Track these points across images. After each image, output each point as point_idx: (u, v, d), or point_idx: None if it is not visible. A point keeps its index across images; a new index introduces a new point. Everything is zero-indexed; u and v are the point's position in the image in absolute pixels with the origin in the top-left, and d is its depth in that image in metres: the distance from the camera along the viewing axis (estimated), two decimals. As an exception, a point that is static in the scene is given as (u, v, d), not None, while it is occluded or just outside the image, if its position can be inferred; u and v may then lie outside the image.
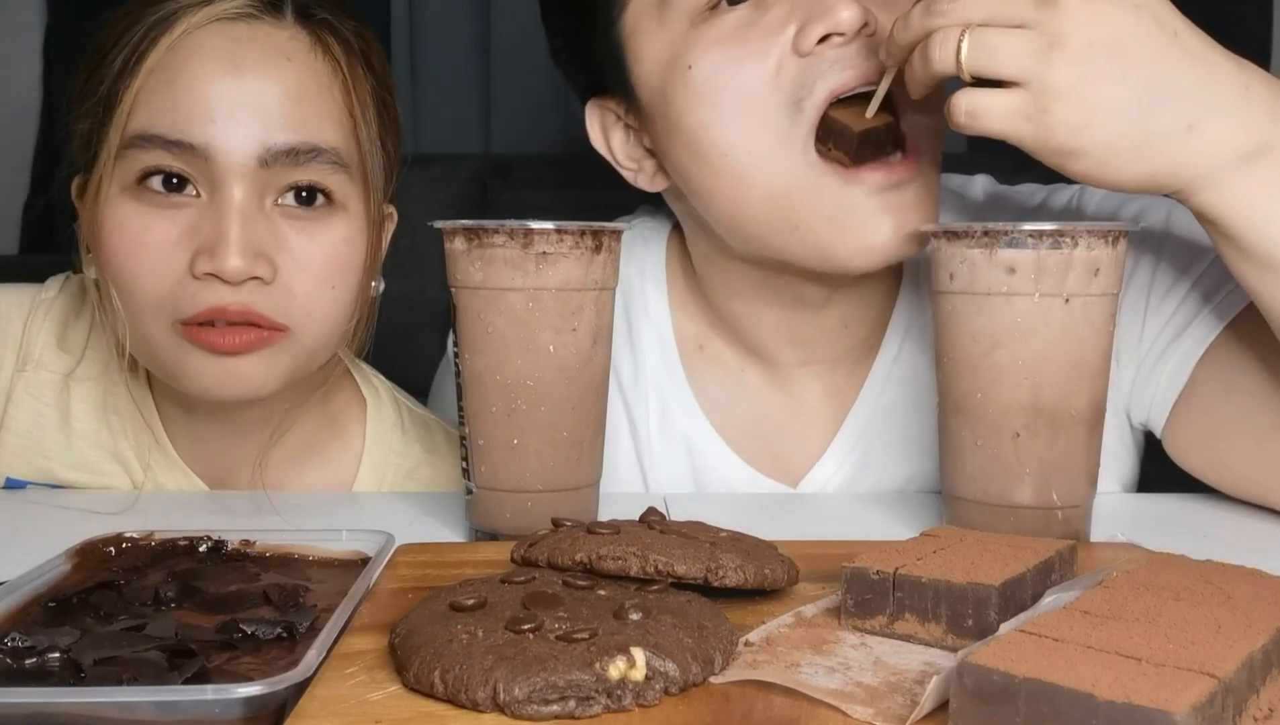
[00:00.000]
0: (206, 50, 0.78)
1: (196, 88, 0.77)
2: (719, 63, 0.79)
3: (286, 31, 0.81)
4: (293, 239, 0.79)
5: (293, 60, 0.80)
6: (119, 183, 0.78)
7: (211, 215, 0.77)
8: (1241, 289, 0.79)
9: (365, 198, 0.83)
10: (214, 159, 0.76)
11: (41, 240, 2.02)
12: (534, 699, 0.41)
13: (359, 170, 0.82)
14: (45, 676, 0.45)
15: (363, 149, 0.82)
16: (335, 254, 0.81)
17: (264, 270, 0.77)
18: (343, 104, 0.81)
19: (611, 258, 0.70)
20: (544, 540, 0.55)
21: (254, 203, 0.77)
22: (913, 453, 0.90)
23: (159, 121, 0.77)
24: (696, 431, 0.94)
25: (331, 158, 0.80)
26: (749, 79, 0.78)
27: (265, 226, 0.78)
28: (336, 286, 0.81)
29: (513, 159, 1.93)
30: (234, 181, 0.77)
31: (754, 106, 0.78)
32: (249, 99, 0.77)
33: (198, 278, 0.76)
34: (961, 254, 0.67)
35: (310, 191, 0.80)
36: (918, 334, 0.91)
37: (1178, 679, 0.35)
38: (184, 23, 0.78)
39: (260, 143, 0.77)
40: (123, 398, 0.89)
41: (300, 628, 0.49)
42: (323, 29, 0.82)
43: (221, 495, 0.88)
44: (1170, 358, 0.83)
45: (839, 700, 0.42)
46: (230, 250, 0.75)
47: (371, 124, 0.83)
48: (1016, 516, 0.67)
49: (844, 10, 0.75)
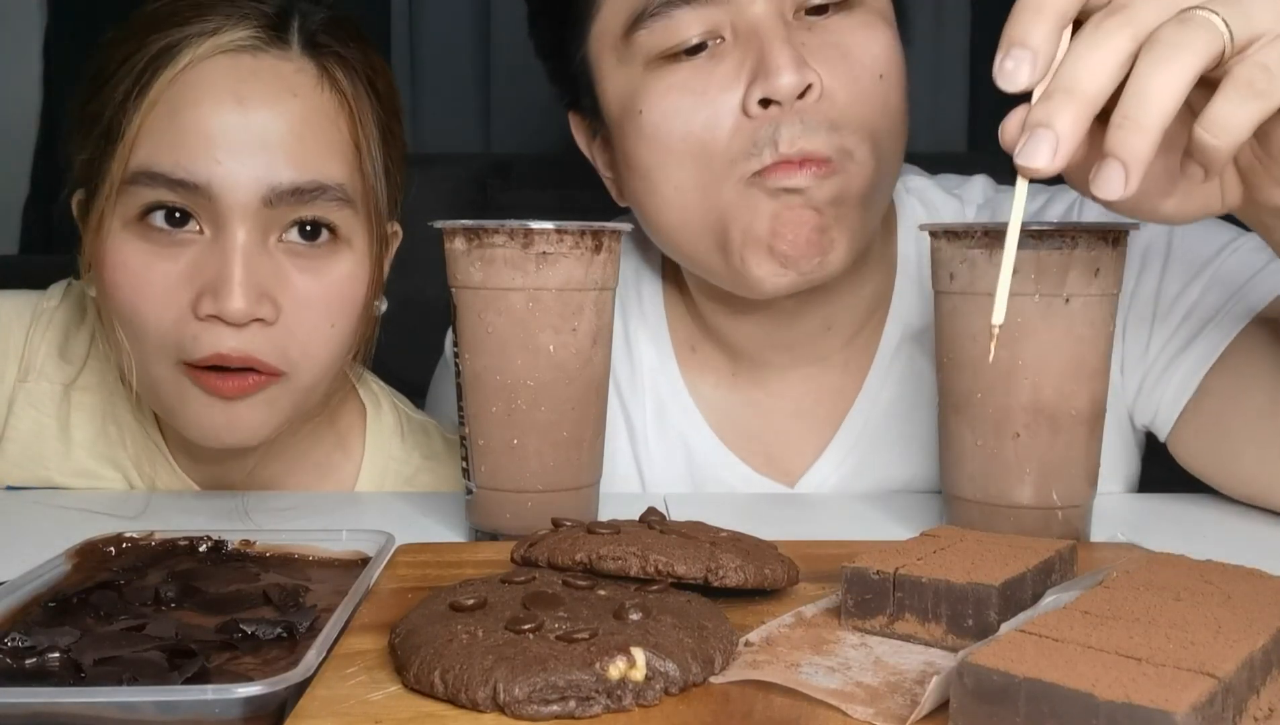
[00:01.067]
0: (210, 84, 0.76)
1: (200, 124, 0.75)
2: (670, 112, 0.79)
3: (293, 64, 0.79)
4: (295, 277, 0.78)
5: (298, 95, 0.78)
6: (120, 217, 0.77)
7: (215, 255, 0.76)
8: (1254, 296, 0.79)
9: (369, 230, 0.81)
10: (218, 198, 0.75)
11: (41, 240, 2.02)
12: (534, 699, 0.40)
13: (364, 203, 0.81)
14: (45, 676, 0.45)
15: (367, 182, 0.81)
16: (338, 292, 0.80)
17: (267, 311, 0.76)
18: (349, 137, 0.80)
19: (611, 258, 0.70)
20: (544, 540, 0.55)
21: (258, 241, 0.76)
22: (912, 452, 0.90)
23: (162, 159, 0.76)
24: (693, 431, 0.94)
25: (337, 194, 0.78)
26: (699, 132, 0.79)
27: (269, 265, 0.77)
28: (336, 325, 0.80)
29: (513, 159, 1.93)
30: (237, 221, 0.75)
31: (702, 155, 0.79)
32: (253, 136, 0.76)
33: (200, 318, 0.75)
34: (962, 254, 0.67)
35: (315, 226, 0.79)
36: (916, 333, 0.91)
37: (1178, 679, 0.35)
38: (188, 54, 0.76)
39: (264, 182, 0.75)
40: (123, 408, 0.89)
41: (300, 628, 0.49)
42: (330, 59, 0.80)
43: (220, 495, 0.88)
44: (1179, 366, 0.83)
45: (839, 700, 0.42)
46: (234, 293, 0.74)
47: (377, 156, 0.82)
48: (1016, 516, 0.67)
49: (784, 76, 0.75)
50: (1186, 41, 0.49)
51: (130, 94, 0.77)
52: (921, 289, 0.91)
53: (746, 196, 0.78)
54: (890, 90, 0.80)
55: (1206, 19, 0.49)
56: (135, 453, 0.89)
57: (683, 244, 0.84)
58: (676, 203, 0.81)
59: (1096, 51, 0.50)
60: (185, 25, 0.77)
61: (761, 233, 0.79)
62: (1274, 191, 0.58)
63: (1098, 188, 0.50)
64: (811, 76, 0.76)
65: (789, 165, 0.77)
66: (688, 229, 0.82)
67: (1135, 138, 0.49)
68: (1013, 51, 0.51)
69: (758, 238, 0.79)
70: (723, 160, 0.78)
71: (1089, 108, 0.50)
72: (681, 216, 0.81)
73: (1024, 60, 0.51)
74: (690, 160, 0.79)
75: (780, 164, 0.77)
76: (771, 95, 0.76)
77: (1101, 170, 0.50)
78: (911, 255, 0.92)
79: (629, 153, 0.83)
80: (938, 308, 0.70)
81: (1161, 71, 0.49)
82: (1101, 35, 0.50)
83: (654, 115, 0.80)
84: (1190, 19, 0.49)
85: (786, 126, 0.76)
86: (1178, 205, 0.59)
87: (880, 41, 0.80)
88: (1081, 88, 0.49)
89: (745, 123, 0.77)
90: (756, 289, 0.81)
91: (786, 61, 0.75)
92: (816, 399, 0.93)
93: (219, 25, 0.78)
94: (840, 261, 0.80)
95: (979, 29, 1.91)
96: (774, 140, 0.76)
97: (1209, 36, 0.49)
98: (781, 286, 0.81)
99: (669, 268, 0.97)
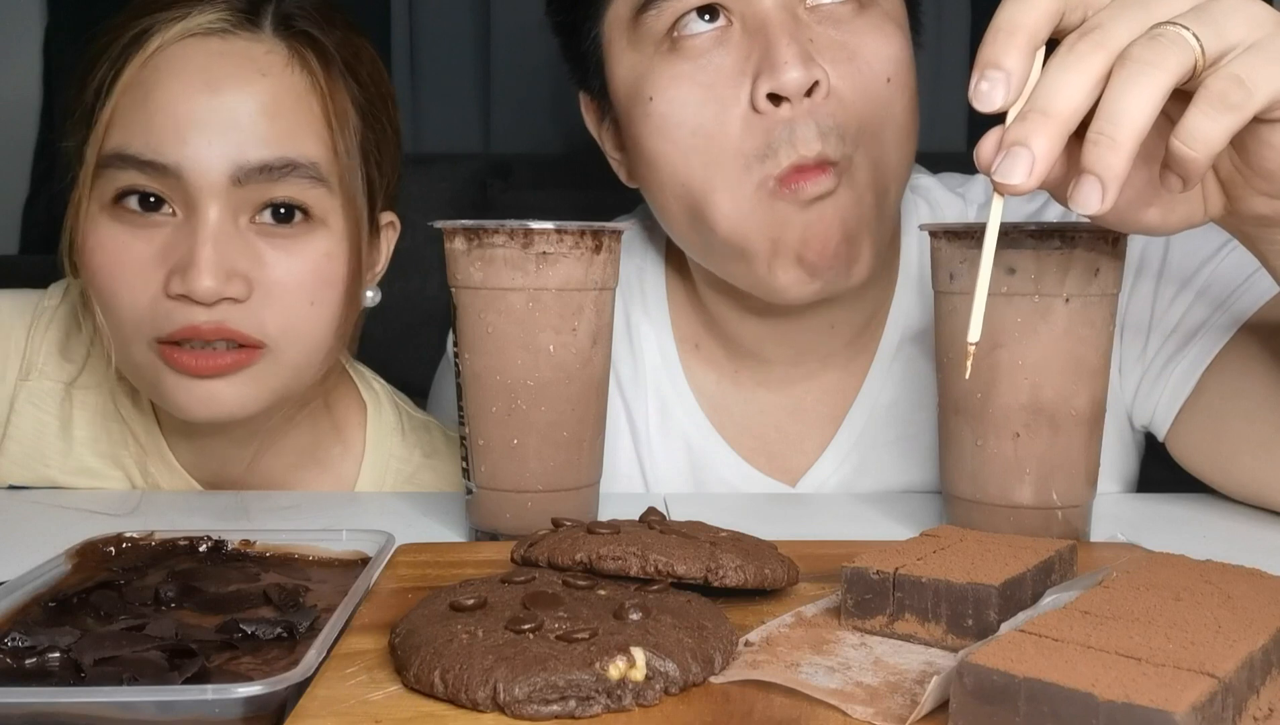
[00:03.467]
0: (180, 67, 0.78)
1: (169, 106, 0.77)
2: (678, 103, 0.79)
3: (264, 45, 0.80)
4: (269, 255, 0.78)
5: (267, 74, 0.79)
6: (97, 201, 0.78)
7: (185, 235, 0.77)
8: (1248, 298, 0.80)
9: (346, 211, 0.82)
10: (187, 179, 0.76)
11: (42, 240, 2.02)
12: (534, 699, 0.41)
13: (339, 183, 0.81)
14: (45, 676, 0.45)
15: (341, 162, 0.81)
16: (315, 270, 0.80)
17: (237, 290, 0.76)
18: (321, 117, 0.80)
19: (611, 258, 0.70)
20: (544, 540, 0.55)
21: (229, 222, 0.77)
22: (912, 451, 0.90)
23: (133, 141, 0.77)
24: (695, 430, 0.94)
25: (309, 172, 0.79)
26: (708, 124, 0.79)
27: (240, 245, 0.77)
28: (316, 303, 0.80)
29: (513, 159, 1.93)
30: (208, 201, 0.76)
31: (712, 150, 0.79)
32: (222, 116, 0.77)
33: (171, 297, 0.76)
34: (962, 254, 0.67)
35: (288, 209, 0.79)
36: (916, 333, 0.91)
37: (1178, 679, 0.35)
38: (158, 39, 0.78)
39: (233, 161, 0.76)
40: (124, 405, 0.89)
41: (300, 628, 0.49)
42: (302, 41, 0.81)
43: (220, 495, 0.88)
44: (1176, 366, 0.83)
45: (839, 700, 0.42)
46: (202, 271, 0.75)
47: (351, 136, 0.82)
48: (1016, 516, 0.67)
49: (790, 71, 0.75)
50: (1158, 59, 0.50)
51: (106, 79, 0.78)
52: (922, 289, 0.91)
53: (774, 209, 0.78)
54: (897, 94, 0.80)
55: (1177, 34, 0.50)
56: (136, 450, 0.89)
57: (693, 235, 0.84)
58: (691, 199, 0.81)
59: (1069, 73, 0.51)
60: (158, 11, 0.79)
61: (791, 243, 0.79)
62: (1254, 200, 0.59)
63: (1076, 203, 0.51)
64: (818, 73, 0.76)
65: (809, 171, 0.77)
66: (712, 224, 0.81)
67: (1110, 154, 0.50)
68: (987, 73, 0.52)
69: (787, 248, 0.79)
70: (735, 159, 0.78)
71: (1063, 127, 0.51)
72: (704, 212, 0.81)
73: (998, 81, 0.52)
74: (698, 154, 0.79)
75: (799, 170, 0.77)
76: (778, 90, 0.76)
77: (1079, 186, 0.51)
78: (914, 255, 0.92)
79: (638, 139, 0.83)
80: (938, 308, 0.70)
81: (1134, 89, 0.50)
82: (1075, 57, 0.51)
83: (661, 104, 0.80)
84: (1161, 35, 0.50)
85: (802, 127, 0.76)
86: (1160, 216, 0.60)
87: (891, 44, 0.80)
88: (1056, 108, 0.51)
89: (756, 120, 0.77)
90: (781, 296, 0.82)
91: (792, 56, 0.75)
92: (818, 398, 0.93)
93: (189, 10, 0.79)
94: (864, 270, 0.81)
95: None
96: (791, 141, 0.76)
97: (1180, 52, 0.50)
98: (807, 295, 0.81)
99: (673, 261, 0.97)
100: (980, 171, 0.53)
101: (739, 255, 0.81)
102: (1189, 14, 0.51)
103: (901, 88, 0.81)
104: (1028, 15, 0.52)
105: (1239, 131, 0.51)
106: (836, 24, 0.79)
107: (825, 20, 0.79)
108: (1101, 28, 0.52)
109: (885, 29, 0.80)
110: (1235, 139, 0.52)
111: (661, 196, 0.84)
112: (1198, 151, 0.51)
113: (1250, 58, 0.51)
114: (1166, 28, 0.50)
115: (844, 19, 0.79)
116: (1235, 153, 0.57)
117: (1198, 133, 0.50)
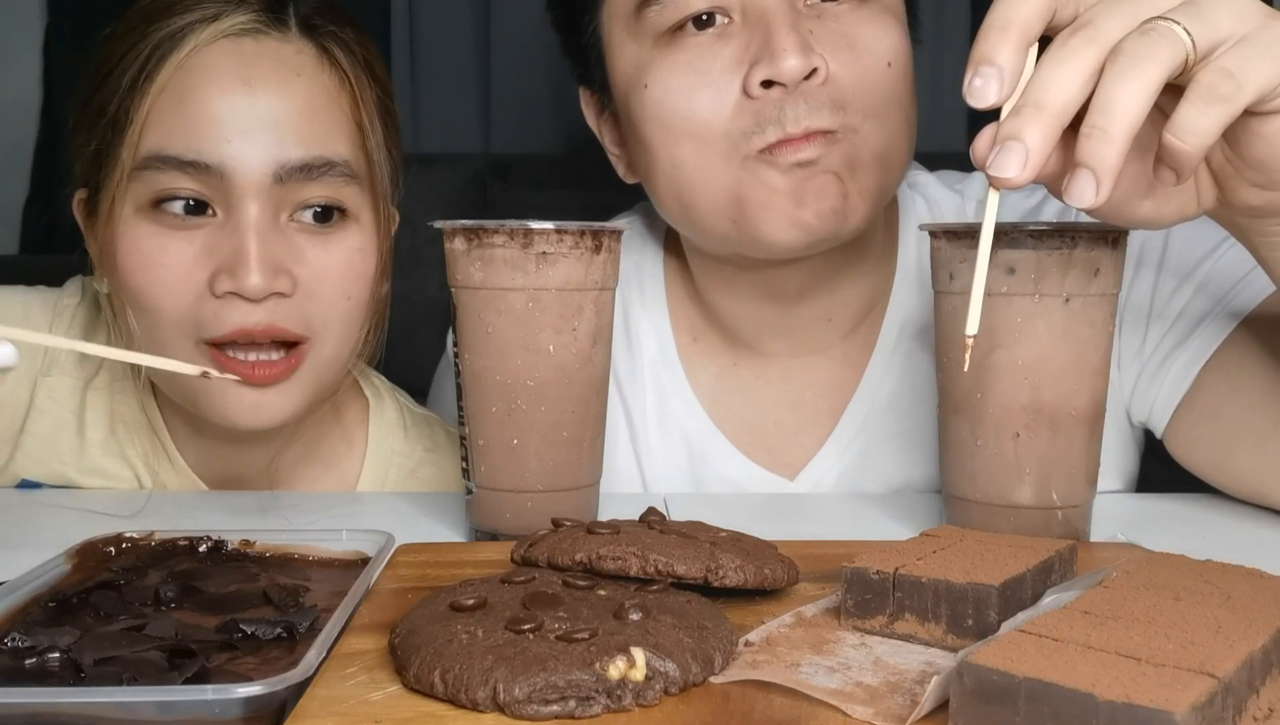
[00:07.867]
0: (216, 68, 0.78)
1: (209, 107, 0.77)
2: (673, 89, 0.80)
3: (293, 45, 0.81)
4: (309, 252, 0.79)
5: (302, 75, 0.80)
6: (132, 204, 0.78)
7: (229, 233, 0.77)
8: (1246, 293, 0.80)
9: (375, 207, 0.83)
10: (230, 178, 0.77)
11: (41, 240, 2.02)
12: (534, 699, 0.40)
13: (368, 180, 0.83)
14: (45, 676, 0.45)
15: (371, 159, 0.83)
16: (350, 264, 0.81)
17: (284, 285, 0.77)
18: (351, 116, 0.82)
19: (611, 258, 0.70)
20: (544, 540, 0.55)
21: (270, 219, 0.78)
22: (912, 446, 0.91)
23: (172, 142, 0.77)
24: (694, 424, 0.94)
25: (344, 170, 0.80)
26: (701, 111, 0.79)
27: (282, 242, 0.78)
28: (352, 297, 0.82)
29: (513, 159, 1.94)
30: (250, 199, 0.77)
31: (704, 133, 0.80)
32: (261, 116, 0.77)
33: (218, 297, 0.76)
34: (962, 254, 0.67)
35: (326, 210, 0.80)
36: (916, 328, 0.91)
37: (1178, 679, 0.35)
38: (192, 40, 0.78)
39: (274, 160, 0.77)
40: (131, 408, 0.89)
41: (300, 628, 0.49)
42: (328, 40, 0.82)
43: (220, 495, 0.88)
44: (1174, 362, 0.83)
45: (839, 700, 0.42)
46: (251, 268, 0.75)
47: (378, 133, 0.84)
48: (1016, 516, 0.67)
49: (789, 59, 0.76)
50: (1149, 52, 0.50)
51: (136, 82, 0.78)
52: (921, 285, 0.91)
53: (757, 172, 0.79)
54: (897, 79, 0.81)
55: (1168, 29, 0.51)
56: (144, 452, 0.90)
57: (691, 215, 0.84)
58: (679, 178, 0.82)
59: (1062, 67, 0.52)
60: (186, 13, 0.79)
61: (783, 199, 0.79)
62: (1245, 192, 0.59)
63: (1070, 196, 0.52)
64: (817, 61, 0.77)
65: (794, 141, 0.77)
66: (695, 201, 0.82)
67: (1104, 147, 0.50)
68: (980, 69, 0.53)
69: (778, 204, 0.79)
70: (724, 140, 0.79)
71: (1057, 121, 0.51)
72: (689, 190, 0.82)
73: (991, 78, 0.53)
74: (689, 138, 0.80)
75: (785, 141, 0.77)
76: (774, 77, 0.76)
77: (1074, 179, 0.51)
78: (912, 251, 0.92)
79: (635, 127, 0.84)
80: (938, 308, 0.70)
81: (1126, 83, 0.50)
82: (1068, 52, 0.52)
83: (657, 91, 0.81)
84: (1152, 29, 0.51)
85: (791, 107, 0.77)
86: (1154, 209, 0.60)
87: (891, 35, 0.81)
88: (1049, 102, 0.51)
89: (747, 103, 0.78)
90: (770, 249, 0.82)
91: (792, 46, 0.76)
92: (817, 391, 0.93)
93: (219, 11, 0.79)
94: (858, 224, 0.81)
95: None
96: (779, 120, 0.77)
97: (1171, 46, 0.51)
98: (797, 241, 0.80)
99: (672, 254, 0.97)
100: (976, 166, 0.54)
101: (727, 216, 0.81)
102: (1179, 9, 0.52)
103: (902, 73, 0.81)
104: (1020, 11, 0.53)
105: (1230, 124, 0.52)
106: (836, 17, 0.80)
107: (825, 14, 0.80)
108: (1093, 23, 0.52)
109: (884, 20, 0.81)
110: (1227, 131, 0.53)
111: (655, 180, 0.85)
112: (1190, 144, 0.51)
113: (1240, 51, 0.51)
114: (1157, 22, 0.51)
115: (843, 13, 0.80)
116: (1227, 145, 0.57)
117: (1190, 125, 0.51)
